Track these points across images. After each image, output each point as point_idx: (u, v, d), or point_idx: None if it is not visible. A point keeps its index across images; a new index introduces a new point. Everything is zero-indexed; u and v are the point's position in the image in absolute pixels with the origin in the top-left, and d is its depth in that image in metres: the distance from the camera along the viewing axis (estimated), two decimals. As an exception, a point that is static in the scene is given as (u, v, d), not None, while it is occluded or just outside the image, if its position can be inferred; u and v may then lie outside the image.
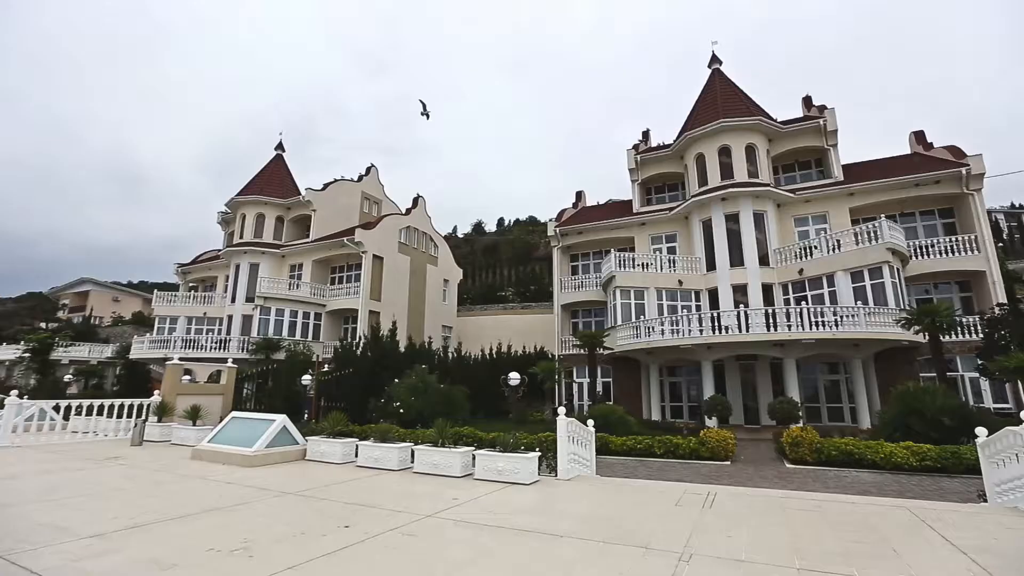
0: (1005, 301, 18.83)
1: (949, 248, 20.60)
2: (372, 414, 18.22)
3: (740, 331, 18.39)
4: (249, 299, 30.20)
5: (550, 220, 29.63)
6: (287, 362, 22.91)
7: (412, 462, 10.42)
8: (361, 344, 23.23)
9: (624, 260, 23.25)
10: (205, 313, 32.57)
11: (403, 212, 34.86)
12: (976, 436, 8.51)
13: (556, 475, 9.54)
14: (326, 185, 33.86)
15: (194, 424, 15.14)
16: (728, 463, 13.10)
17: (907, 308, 17.39)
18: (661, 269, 23.13)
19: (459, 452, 9.87)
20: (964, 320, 19.18)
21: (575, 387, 25.67)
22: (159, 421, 15.69)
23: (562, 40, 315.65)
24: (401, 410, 16.64)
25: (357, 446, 11.31)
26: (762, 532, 6.04)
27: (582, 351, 21.58)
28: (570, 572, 4.75)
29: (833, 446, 12.50)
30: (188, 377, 18.12)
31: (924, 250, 20.89)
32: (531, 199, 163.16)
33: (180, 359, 18.15)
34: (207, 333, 30.77)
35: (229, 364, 19.09)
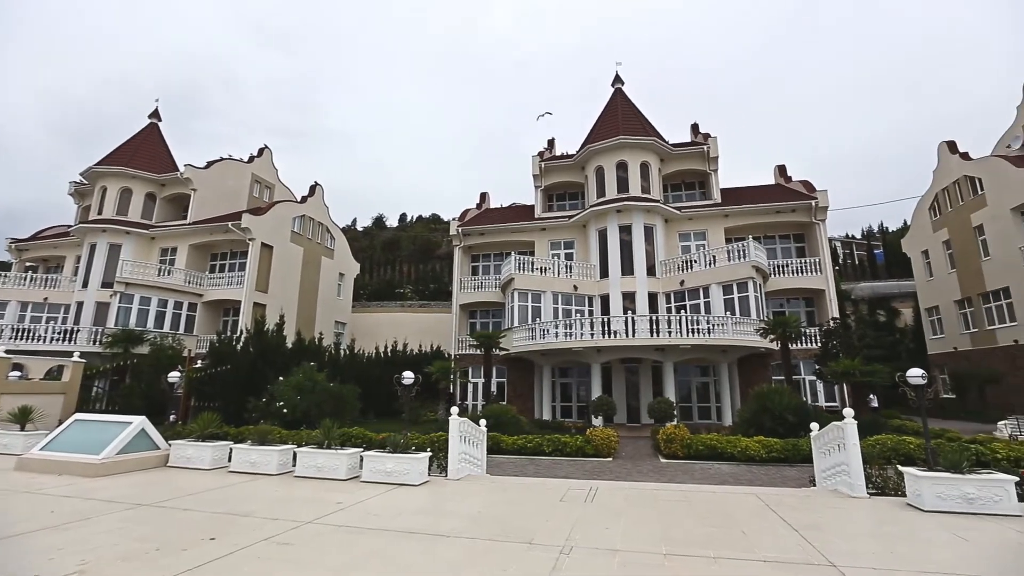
0: (838, 316, 22.21)
1: (799, 268, 23.83)
2: (252, 415, 16.81)
3: (627, 336, 19.70)
4: (107, 284, 26.38)
5: (453, 219, 29.49)
6: (151, 357, 20.35)
7: (294, 465, 9.80)
8: (242, 338, 21.33)
9: (524, 263, 23.84)
10: (46, 299, 27.91)
11: (298, 200, 32.61)
12: (811, 430, 9.94)
13: (447, 475, 9.52)
14: (211, 163, 30.62)
15: (23, 429, 12.87)
16: (610, 459, 13.94)
17: (765, 319, 19.79)
18: (558, 274, 24.05)
19: (345, 454, 9.47)
20: (807, 331, 22.26)
21: (470, 387, 25.75)
22: (-26, 425, 13.14)
23: (481, 45, 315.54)
24: (285, 410, 15.56)
25: (231, 449, 10.39)
26: (636, 523, 6.53)
27: (478, 351, 21.74)
28: (455, 570, 4.75)
29: (700, 442, 13.86)
30: (18, 373, 15.41)
31: (781, 269, 23.94)
32: (436, 197, 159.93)
33: (8, 352, 15.35)
34: (48, 322, 26.37)
35: (75, 358, 16.56)
